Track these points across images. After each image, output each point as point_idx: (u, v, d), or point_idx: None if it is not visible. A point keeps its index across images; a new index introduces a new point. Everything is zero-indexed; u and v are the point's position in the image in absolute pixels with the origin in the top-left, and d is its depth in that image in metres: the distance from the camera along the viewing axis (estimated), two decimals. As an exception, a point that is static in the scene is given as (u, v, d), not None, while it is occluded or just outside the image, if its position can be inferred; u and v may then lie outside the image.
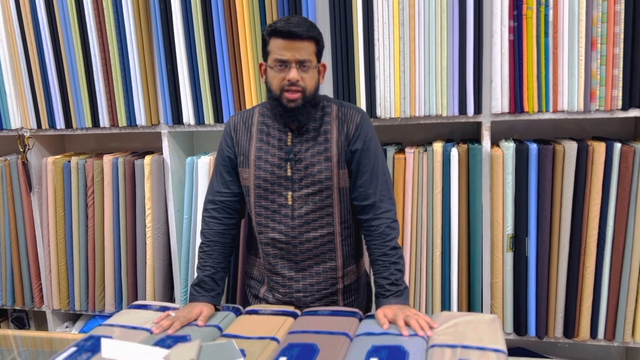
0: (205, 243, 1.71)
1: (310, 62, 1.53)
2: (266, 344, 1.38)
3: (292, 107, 1.54)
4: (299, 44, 1.50)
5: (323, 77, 1.65)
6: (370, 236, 1.62)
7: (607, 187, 1.96)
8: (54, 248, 2.55)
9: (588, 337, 2.08)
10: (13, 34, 2.42)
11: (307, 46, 1.52)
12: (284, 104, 1.54)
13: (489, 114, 2.03)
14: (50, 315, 2.70)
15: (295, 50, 1.50)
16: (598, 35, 1.89)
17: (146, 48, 2.27)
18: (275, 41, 1.52)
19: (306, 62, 1.52)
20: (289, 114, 1.56)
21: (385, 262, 1.58)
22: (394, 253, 1.59)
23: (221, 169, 1.71)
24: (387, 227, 1.60)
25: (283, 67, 1.52)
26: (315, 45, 1.55)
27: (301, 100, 1.54)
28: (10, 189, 2.60)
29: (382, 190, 1.63)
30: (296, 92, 1.52)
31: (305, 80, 1.53)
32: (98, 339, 1.41)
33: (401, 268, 1.59)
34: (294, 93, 1.52)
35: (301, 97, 1.53)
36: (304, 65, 1.52)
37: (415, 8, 1.98)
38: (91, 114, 2.40)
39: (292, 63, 1.51)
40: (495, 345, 1.27)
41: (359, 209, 1.65)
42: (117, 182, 2.40)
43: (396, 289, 1.55)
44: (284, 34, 1.50)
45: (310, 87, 1.55)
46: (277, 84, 1.54)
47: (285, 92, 1.53)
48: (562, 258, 2.03)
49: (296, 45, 1.50)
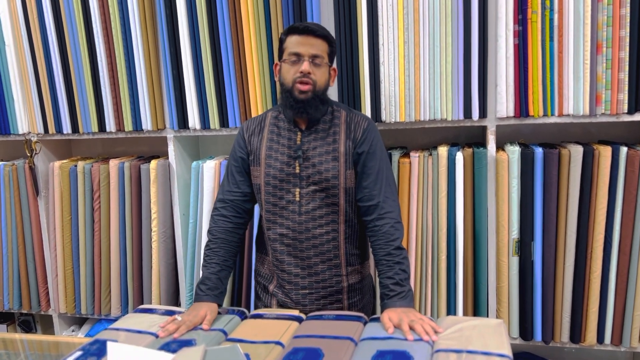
0: (212, 241, 1.74)
1: (322, 59, 1.63)
2: (271, 348, 1.38)
3: (302, 98, 1.62)
4: (314, 40, 1.62)
5: (333, 81, 1.74)
6: (374, 236, 1.65)
7: (614, 191, 1.95)
8: (60, 252, 2.57)
9: (595, 342, 2.06)
10: (21, 40, 2.44)
11: (320, 44, 1.63)
12: (295, 95, 1.62)
13: (494, 118, 2.03)
14: (56, 319, 2.72)
15: (310, 45, 1.61)
16: (603, 39, 1.89)
17: (152, 53, 2.28)
18: (291, 37, 1.63)
19: (319, 58, 1.62)
20: (299, 105, 1.63)
21: (389, 262, 1.60)
22: (398, 253, 1.61)
23: (233, 170, 1.78)
24: (391, 227, 1.63)
25: (297, 60, 1.62)
26: (328, 45, 1.66)
27: (311, 93, 1.62)
28: (18, 193, 2.62)
29: (386, 192, 1.67)
30: (307, 84, 1.61)
31: (317, 74, 1.63)
32: (104, 342, 1.41)
33: (405, 269, 1.60)
34: (305, 85, 1.61)
35: (312, 90, 1.62)
36: (316, 61, 1.62)
37: (419, 12, 1.99)
38: (97, 119, 2.42)
39: (306, 56, 1.61)
40: (501, 350, 1.27)
41: (363, 209, 1.69)
42: (123, 187, 2.41)
43: (400, 289, 1.56)
44: (300, 30, 1.62)
45: (320, 82, 1.64)
46: (290, 77, 1.63)
47: (298, 83, 1.61)
48: (568, 262, 2.02)
49: (311, 41, 1.61)
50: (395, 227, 1.64)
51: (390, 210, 1.65)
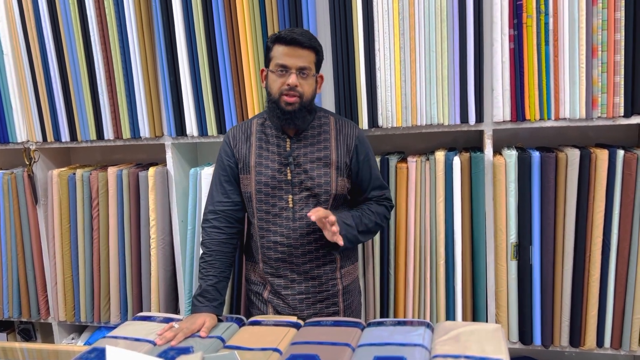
0: (207, 253, 1.73)
1: (309, 70, 1.62)
2: (269, 355, 1.38)
3: (289, 110, 1.62)
4: (301, 51, 1.59)
5: (320, 88, 1.74)
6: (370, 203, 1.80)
7: (611, 195, 1.95)
8: (59, 260, 2.57)
9: (594, 345, 2.06)
10: (19, 48, 2.45)
11: (307, 55, 1.61)
12: (282, 107, 1.62)
13: (491, 122, 2.03)
14: (56, 327, 2.71)
15: (297, 57, 1.59)
16: (599, 42, 1.89)
17: (149, 61, 2.29)
18: (278, 47, 1.61)
19: (306, 70, 1.61)
20: (286, 117, 1.63)
21: (365, 209, 1.75)
22: (373, 215, 1.74)
23: (221, 179, 1.76)
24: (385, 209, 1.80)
25: (284, 72, 1.60)
26: (315, 55, 1.64)
27: (298, 105, 1.61)
28: (17, 201, 2.62)
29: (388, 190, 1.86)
30: (294, 97, 1.60)
31: (304, 86, 1.62)
32: (102, 351, 1.41)
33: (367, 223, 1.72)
34: (292, 97, 1.60)
35: (298, 102, 1.61)
36: (303, 72, 1.61)
37: (415, 17, 2.00)
38: (96, 127, 2.43)
39: (293, 69, 1.59)
40: (499, 355, 1.27)
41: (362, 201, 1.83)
42: (122, 194, 2.41)
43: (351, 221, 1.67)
44: (288, 41, 1.59)
45: (307, 93, 1.63)
46: (277, 88, 1.62)
47: (284, 95, 1.61)
48: (567, 266, 2.02)
49: (298, 52, 1.59)
50: (388, 209, 1.81)
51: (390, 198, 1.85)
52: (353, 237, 1.67)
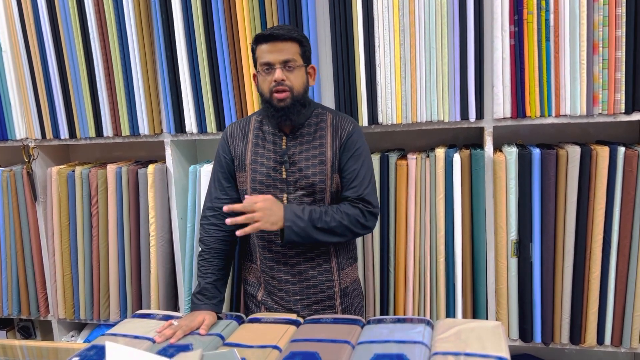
0: (205, 250, 1.72)
1: (294, 62, 1.59)
2: (268, 353, 1.37)
3: (282, 106, 1.59)
4: (281, 45, 1.57)
5: (313, 80, 1.71)
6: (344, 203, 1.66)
7: (612, 192, 1.94)
8: (59, 257, 2.56)
9: (595, 343, 2.05)
10: (17, 46, 2.45)
11: (289, 47, 1.58)
12: (275, 104, 1.60)
13: (491, 119, 2.03)
14: (55, 324, 2.71)
15: (278, 51, 1.57)
16: (600, 39, 1.88)
17: (148, 58, 2.28)
18: (260, 47, 1.59)
19: (290, 62, 1.58)
20: (280, 114, 1.60)
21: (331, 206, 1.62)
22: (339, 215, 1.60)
23: (219, 176, 1.75)
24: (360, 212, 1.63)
25: (269, 69, 1.59)
26: (299, 46, 1.61)
27: (290, 100, 1.59)
28: (16, 199, 2.62)
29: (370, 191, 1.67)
30: (284, 92, 1.58)
31: (292, 79, 1.59)
32: (101, 348, 1.41)
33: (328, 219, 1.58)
34: (281, 93, 1.58)
35: (290, 97, 1.59)
36: (288, 66, 1.58)
37: (415, 14, 1.99)
38: (95, 124, 2.42)
39: (277, 64, 1.57)
40: (499, 352, 1.26)
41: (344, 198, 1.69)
42: (121, 191, 2.41)
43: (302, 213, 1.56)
44: (266, 38, 1.57)
45: (297, 86, 1.60)
46: (266, 87, 1.60)
47: (275, 93, 1.58)
48: (567, 263, 2.01)
49: (278, 46, 1.57)
50: (364, 214, 1.63)
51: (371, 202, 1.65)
52: (301, 231, 1.55)
